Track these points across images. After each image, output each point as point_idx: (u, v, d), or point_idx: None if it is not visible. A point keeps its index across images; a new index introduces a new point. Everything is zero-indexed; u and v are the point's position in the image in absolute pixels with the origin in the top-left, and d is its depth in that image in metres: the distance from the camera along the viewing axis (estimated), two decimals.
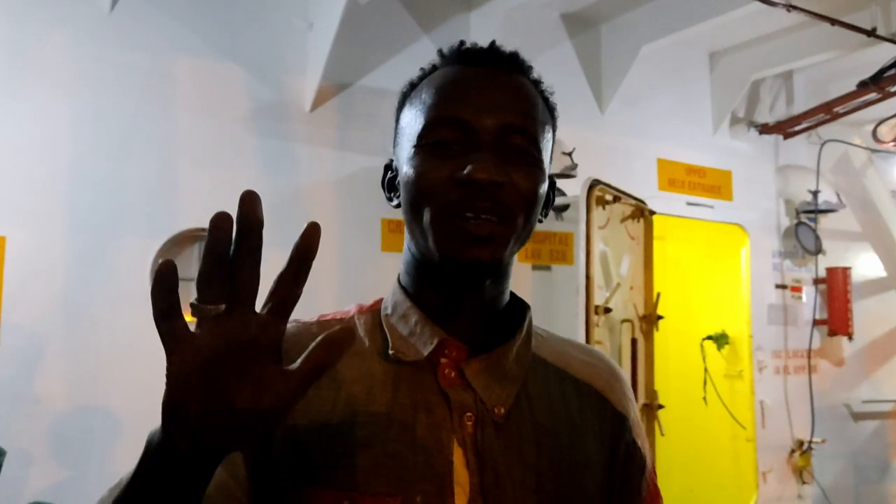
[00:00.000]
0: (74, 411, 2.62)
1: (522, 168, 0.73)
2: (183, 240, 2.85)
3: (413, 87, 0.80)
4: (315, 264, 0.58)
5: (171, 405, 0.56)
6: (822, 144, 4.23)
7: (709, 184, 3.95)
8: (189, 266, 2.85)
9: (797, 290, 4.23)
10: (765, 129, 4.17)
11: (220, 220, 0.55)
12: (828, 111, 3.96)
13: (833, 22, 3.17)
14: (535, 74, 0.81)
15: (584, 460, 0.77)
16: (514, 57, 0.79)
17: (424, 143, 0.74)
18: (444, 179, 0.71)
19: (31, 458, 2.52)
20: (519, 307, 0.83)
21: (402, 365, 0.75)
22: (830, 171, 4.37)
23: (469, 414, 0.73)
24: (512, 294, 0.82)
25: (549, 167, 0.80)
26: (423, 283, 0.79)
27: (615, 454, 0.81)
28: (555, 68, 2.72)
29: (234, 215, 0.57)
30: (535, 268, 3.47)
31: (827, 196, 4.22)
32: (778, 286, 4.19)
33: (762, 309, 4.10)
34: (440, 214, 0.72)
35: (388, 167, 0.84)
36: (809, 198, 4.18)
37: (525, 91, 0.77)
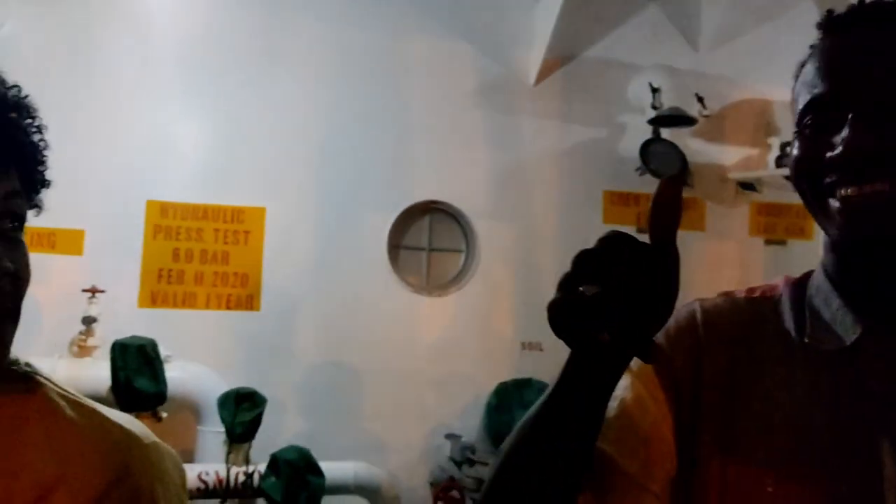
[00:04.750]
0: (323, 366, 2.88)
1: None
2: (416, 211, 3.01)
3: (802, 66, 0.75)
4: (538, 234, 0.58)
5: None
6: None
7: None
8: (419, 236, 3.02)
9: None
10: None
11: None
12: None
13: None
14: None
15: None
16: (879, 10, 0.70)
17: (801, 126, 0.71)
18: (817, 161, 0.68)
19: (285, 407, 2.78)
20: None
21: (822, 352, 0.72)
22: None
23: None
24: None
25: None
26: (840, 266, 0.74)
27: None
28: None
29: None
30: (767, 242, 3.27)
31: None
32: None
33: None
34: (821, 195, 0.68)
35: None
36: None
37: None
